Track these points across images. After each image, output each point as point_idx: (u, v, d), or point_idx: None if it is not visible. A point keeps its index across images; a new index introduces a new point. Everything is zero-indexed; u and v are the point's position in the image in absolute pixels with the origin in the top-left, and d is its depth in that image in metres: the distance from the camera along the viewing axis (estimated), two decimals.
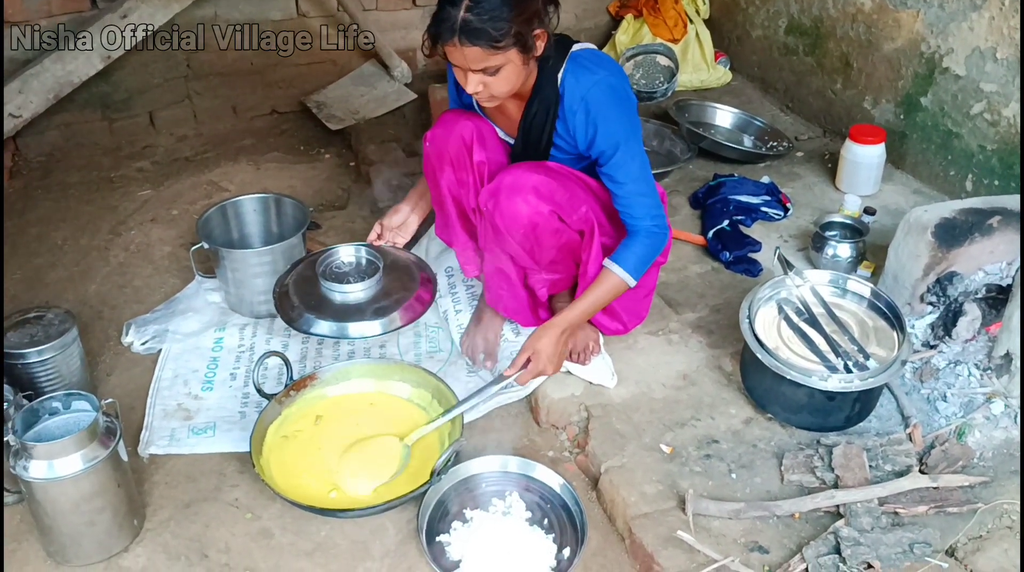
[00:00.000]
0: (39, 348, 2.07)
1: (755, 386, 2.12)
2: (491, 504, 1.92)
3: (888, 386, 2.11)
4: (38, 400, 1.81)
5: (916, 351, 2.18)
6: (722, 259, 2.65)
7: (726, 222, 2.75)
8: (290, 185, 3.24)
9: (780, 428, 2.08)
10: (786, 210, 2.89)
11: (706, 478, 1.94)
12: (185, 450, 2.10)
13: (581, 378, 2.19)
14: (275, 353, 2.13)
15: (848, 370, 1.99)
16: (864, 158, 2.94)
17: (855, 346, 2.06)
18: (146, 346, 2.43)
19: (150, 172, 3.38)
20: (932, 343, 2.20)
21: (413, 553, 1.86)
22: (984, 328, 2.16)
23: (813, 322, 2.12)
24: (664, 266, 2.43)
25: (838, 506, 1.83)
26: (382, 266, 2.17)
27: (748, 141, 3.40)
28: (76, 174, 3.34)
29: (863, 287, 2.19)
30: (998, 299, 2.18)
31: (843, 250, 2.57)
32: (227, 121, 3.72)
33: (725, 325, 2.37)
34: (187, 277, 2.67)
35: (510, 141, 2.17)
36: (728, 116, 3.51)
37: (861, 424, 2.06)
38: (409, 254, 2.32)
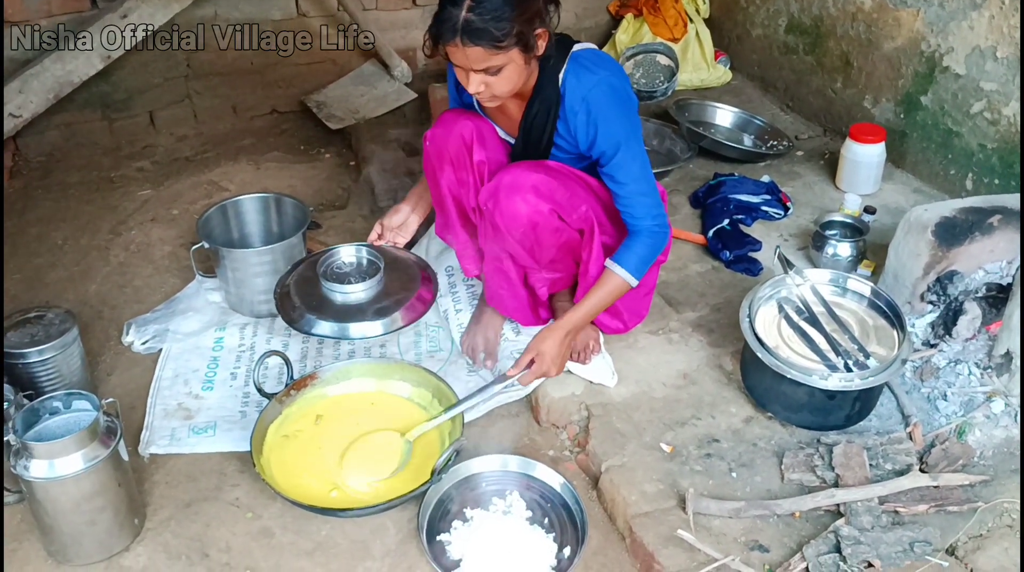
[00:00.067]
0: (40, 348, 2.07)
1: (755, 385, 2.12)
2: (491, 503, 1.92)
3: (888, 385, 2.11)
4: (39, 400, 1.81)
5: (916, 350, 2.18)
6: (722, 258, 2.65)
7: (726, 221, 2.75)
8: (290, 185, 3.24)
9: (780, 427, 2.08)
10: (786, 209, 2.89)
11: (706, 477, 1.94)
12: (186, 450, 2.10)
13: (581, 377, 2.19)
14: (275, 352, 2.13)
15: (848, 369, 1.99)
16: (864, 157, 2.94)
17: (855, 345, 2.06)
18: (146, 346, 2.43)
19: (150, 172, 3.38)
20: (932, 342, 2.20)
21: (413, 552, 1.86)
22: (984, 327, 2.15)
23: (813, 321, 2.12)
24: (664, 265, 2.43)
25: (838, 505, 1.83)
26: (383, 266, 2.16)
27: (748, 140, 3.40)
28: (76, 174, 3.34)
29: (863, 286, 2.19)
30: (998, 298, 2.18)
31: (843, 249, 2.57)
32: (227, 121, 3.72)
33: (725, 324, 2.37)
34: (187, 277, 2.67)
35: (510, 141, 2.16)
36: (728, 115, 3.50)
37: (861, 423, 2.06)
38: (410, 254, 2.32)
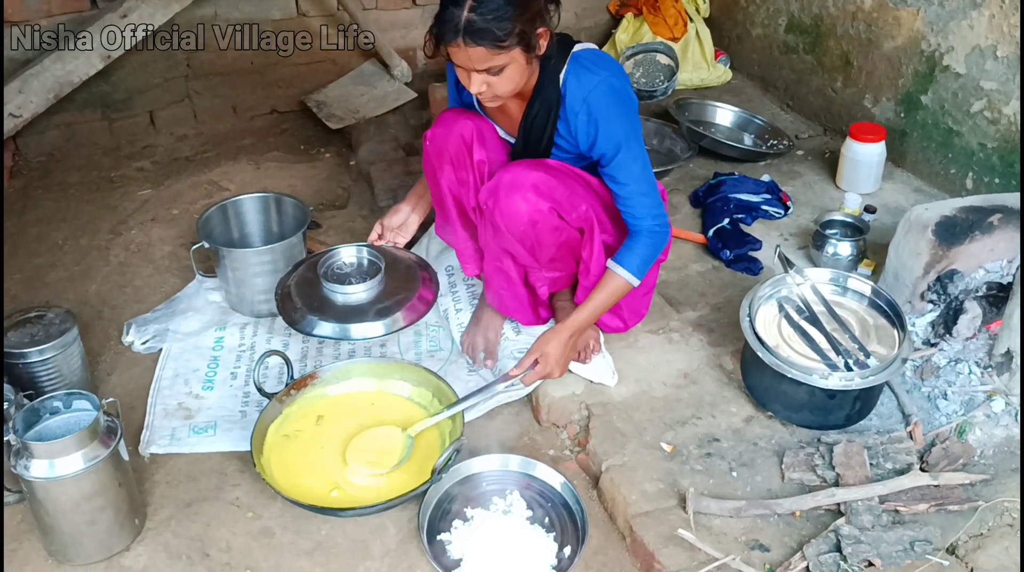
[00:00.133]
0: (40, 348, 2.07)
1: (756, 384, 2.12)
2: (492, 503, 1.92)
3: (889, 384, 2.11)
4: (39, 399, 1.81)
5: (917, 349, 2.18)
6: (723, 257, 2.65)
7: (726, 220, 2.75)
8: (290, 184, 3.24)
9: (781, 426, 2.08)
10: (786, 208, 2.89)
11: (707, 476, 1.94)
12: (186, 449, 2.10)
13: (582, 377, 2.19)
14: (276, 352, 2.13)
15: (849, 368, 1.99)
16: (864, 156, 2.93)
17: (856, 344, 2.05)
18: (147, 345, 2.43)
19: (150, 172, 3.38)
20: (933, 341, 2.20)
21: (414, 552, 1.86)
22: (985, 326, 2.15)
23: (814, 320, 2.12)
24: (664, 265, 2.43)
25: (839, 504, 1.83)
26: (383, 267, 2.16)
27: (748, 139, 3.40)
28: (76, 174, 3.35)
29: (864, 285, 2.19)
30: (999, 297, 2.18)
31: (843, 248, 2.57)
32: (227, 121, 3.72)
33: (726, 323, 2.37)
34: (187, 276, 2.68)
35: (511, 140, 2.16)
36: (728, 115, 3.50)
37: (862, 422, 2.06)
38: (410, 254, 2.31)
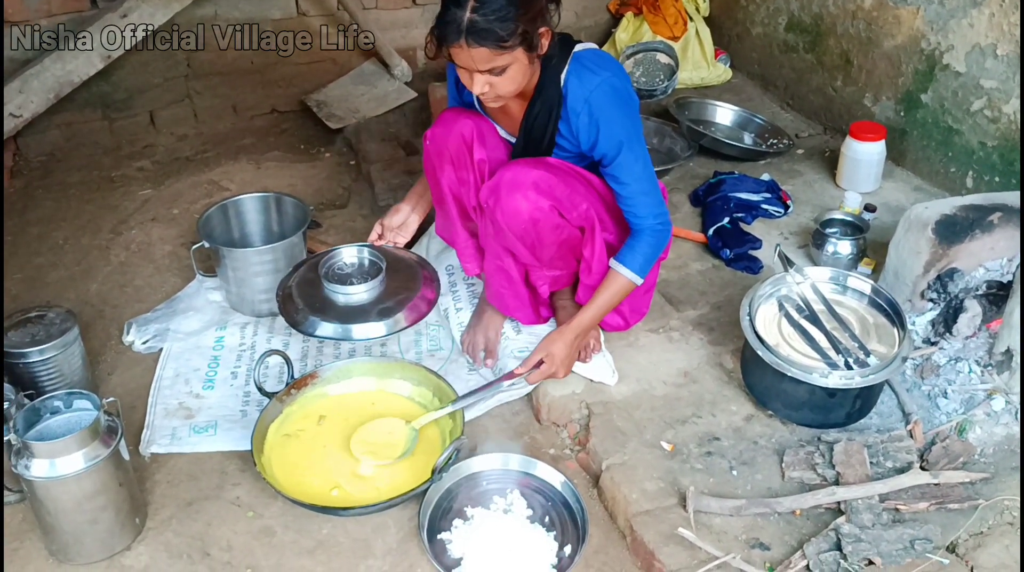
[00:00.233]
0: (40, 347, 2.07)
1: (756, 383, 2.12)
2: (492, 502, 1.92)
3: (889, 383, 2.11)
4: (39, 399, 1.81)
5: (917, 348, 2.18)
6: (723, 256, 2.65)
7: (727, 219, 2.75)
8: (290, 184, 3.24)
9: (781, 425, 2.08)
10: (787, 207, 2.89)
11: (707, 475, 1.94)
12: (187, 449, 2.10)
13: (582, 376, 2.19)
14: (276, 352, 2.13)
15: (849, 367, 1.99)
16: (864, 155, 2.93)
17: (856, 343, 2.06)
18: (147, 345, 2.43)
19: (150, 171, 3.38)
20: (933, 340, 2.20)
21: (414, 551, 1.86)
22: (985, 325, 2.15)
23: (814, 319, 2.12)
24: (665, 263, 2.43)
25: (839, 502, 1.83)
26: (384, 267, 2.16)
27: (748, 138, 3.40)
28: (76, 174, 3.35)
29: (864, 284, 2.19)
30: (999, 295, 2.18)
31: (843, 247, 2.56)
32: (227, 120, 3.72)
33: (726, 322, 2.37)
34: (188, 276, 2.68)
35: (511, 140, 2.16)
36: (728, 114, 3.50)
37: (862, 421, 2.06)
38: (411, 254, 2.31)
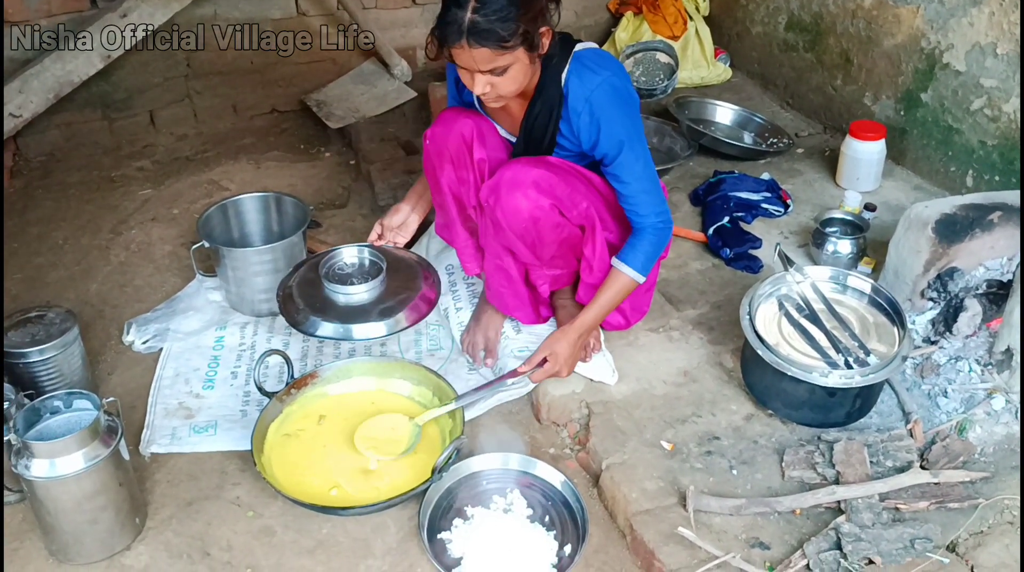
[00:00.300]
0: (40, 347, 2.07)
1: (756, 382, 2.12)
2: (492, 501, 1.92)
3: (889, 382, 2.11)
4: (39, 399, 1.81)
5: (917, 347, 2.18)
6: (723, 256, 2.65)
7: (726, 219, 2.75)
8: (290, 184, 3.24)
9: (781, 424, 2.08)
10: (786, 207, 2.89)
11: (707, 474, 1.94)
12: (187, 448, 2.10)
13: (582, 375, 2.19)
14: (276, 351, 2.13)
15: (849, 366, 1.99)
16: (864, 154, 2.93)
17: (856, 342, 2.05)
18: (147, 345, 2.43)
19: (150, 171, 3.38)
20: (933, 339, 2.20)
21: (414, 551, 1.86)
22: (985, 324, 2.15)
23: (814, 318, 2.12)
24: (665, 263, 2.43)
25: (839, 502, 1.83)
26: (385, 267, 2.16)
27: (748, 138, 3.40)
28: (76, 174, 3.35)
29: (864, 283, 2.19)
30: (999, 295, 2.18)
31: (843, 246, 2.56)
32: (227, 120, 3.72)
33: (726, 321, 2.37)
34: (188, 276, 2.68)
35: (511, 139, 2.16)
36: (728, 113, 3.50)
37: (862, 420, 2.06)
38: (411, 254, 2.30)
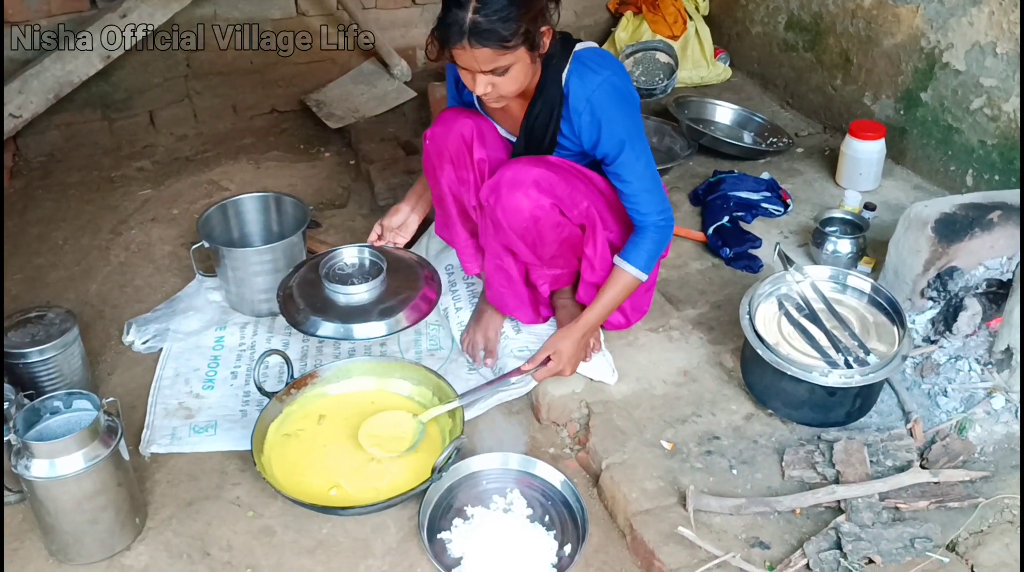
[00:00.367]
0: (40, 347, 2.07)
1: (756, 382, 2.12)
2: (492, 501, 1.92)
3: (889, 381, 2.11)
4: (39, 399, 1.81)
5: (917, 346, 2.18)
6: (722, 255, 2.65)
7: (726, 218, 2.75)
8: (290, 184, 3.24)
9: (781, 424, 2.08)
10: (786, 206, 2.89)
11: (707, 474, 1.94)
12: (187, 449, 2.10)
13: (582, 375, 2.19)
14: (276, 351, 2.13)
15: (848, 366, 1.99)
16: (864, 154, 2.93)
17: (855, 342, 2.05)
18: (147, 345, 2.43)
19: (150, 172, 3.38)
20: (933, 338, 2.20)
21: (414, 550, 1.86)
22: (985, 323, 2.15)
23: (813, 318, 2.12)
24: (664, 263, 2.43)
25: (839, 501, 1.83)
26: (385, 267, 2.16)
27: (748, 137, 3.40)
28: (76, 174, 3.35)
29: (863, 283, 2.19)
30: (998, 294, 2.18)
31: (843, 246, 2.56)
32: (227, 120, 3.72)
33: (726, 321, 2.37)
34: (188, 276, 2.68)
35: (511, 139, 2.16)
36: (728, 113, 3.50)
37: (862, 419, 2.06)
38: (411, 254, 2.30)
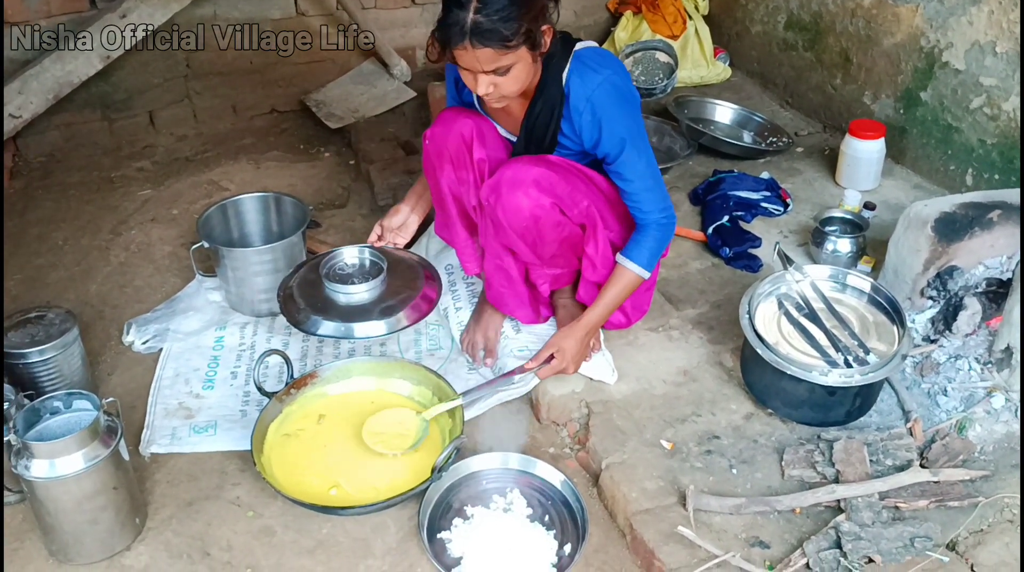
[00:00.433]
0: (40, 348, 2.07)
1: (755, 381, 2.12)
2: (492, 501, 1.92)
3: (888, 381, 2.11)
4: (39, 399, 1.81)
5: (916, 346, 2.18)
6: (722, 255, 2.65)
7: (726, 218, 2.75)
8: (290, 184, 3.24)
9: (781, 423, 2.08)
10: (786, 206, 2.89)
11: (707, 474, 1.94)
12: (186, 449, 2.10)
13: (582, 374, 2.19)
14: (276, 351, 2.13)
15: (848, 365, 1.99)
16: (864, 153, 2.93)
17: (855, 341, 2.05)
18: (147, 345, 2.43)
19: (150, 172, 3.38)
20: (932, 337, 2.20)
21: (414, 550, 1.86)
22: (984, 322, 2.15)
23: (813, 317, 2.12)
24: (664, 262, 2.43)
25: (839, 501, 1.83)
26: (386, 266, 2.16)
27: (748, 137, 3.40)
28: (76, 174, 3.35)
29: (863, 282, 2.19)
30: (998, 293, 2.18)
31: (843, 245, 2.56)
32: (227, 120, 3.72)
33: (725, 321, 2.37)
34: (188, 276, 2.68)
35: (511, 139, 2.16)
36: (728, 112, 3.50)
37: (862, 419, 2.06)
38: (412, 254, 2.30)
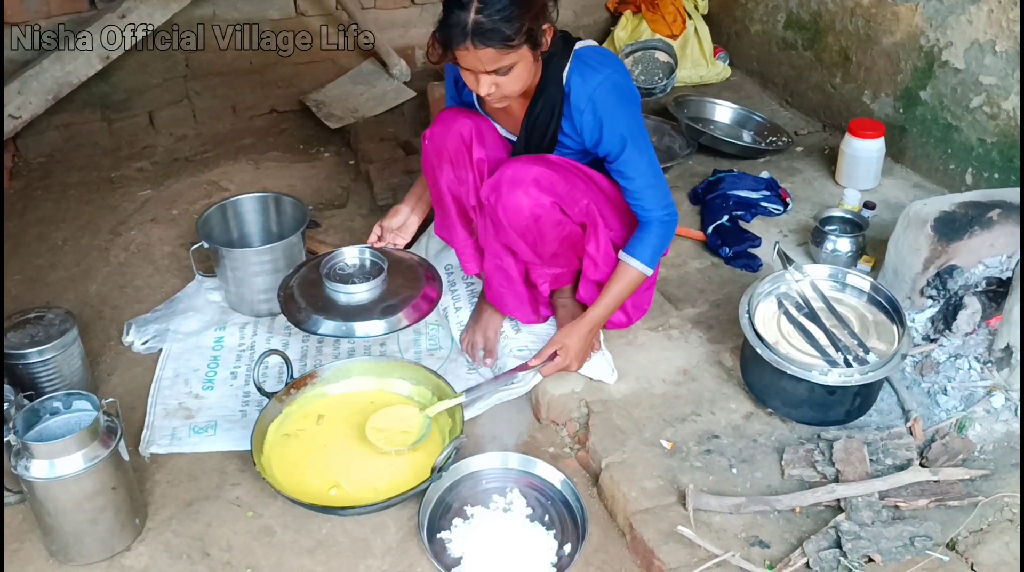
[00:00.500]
0: (40, 348, 2.07)
1: (755, 381, 2.12)
2: (492, 501, 1.92)
3: (888, 380, 2.11)
4: (39, 400, 1.81)
5: (916, 345, 2.18)
6: (722, 254, 2.65)
7: (726, 217, 2.75)
8: (289, 184, 3.24)
9: (780, 423, 2.08)
10: (786, 205, 2.89)
11: (707, 473, 1.94)
12: (186, 449, 2.11)
13: (582, 374, 2.19)
14: (275, 351, 2.13)
15: (848, 364, 1.99)
16: (863, 152, 2.93)
17: (855, 340, 2.05)
18: (147, 345, 2.43)
19: (150, 172, 3.38)
20: (932, 337, 2.20)
21: (414, 550, 1.86)
22: (984, 321, 2.15)
23: (813, 317, 2.12)
24: (664, 262, 2.43)
25: (839, 500, 1.83)
26: (386, 266, 2.16)
27: (747, 136, 3.40)
28: (76, 174, 3.35)
29: (863, 281, 2.19)
30: (998, 292, 2.18)
31: (843, 244, 2.56)
32: (226, 121, 3.72)
33: (725, 320, 2.37)
34: (187, 276, 2.68)
35: (511, 138, 2.16)
36: (727, 111, 3.50)
37: (861, 418, 2.06)
38: (412, 254, 2.30)
